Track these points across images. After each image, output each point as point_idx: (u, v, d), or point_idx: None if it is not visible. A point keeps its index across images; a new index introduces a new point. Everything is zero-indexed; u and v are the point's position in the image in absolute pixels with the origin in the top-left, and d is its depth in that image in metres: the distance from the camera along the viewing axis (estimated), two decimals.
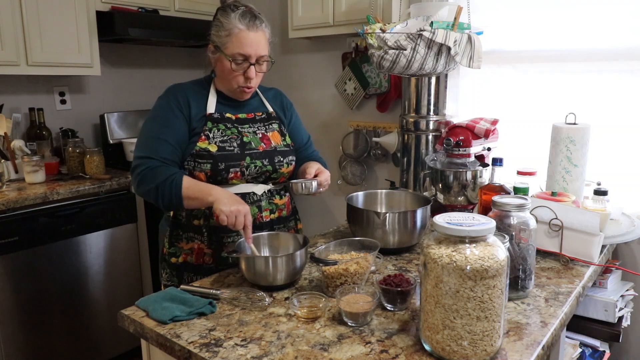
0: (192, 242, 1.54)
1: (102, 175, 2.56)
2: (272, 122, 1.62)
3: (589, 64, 1.98)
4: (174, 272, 1.58)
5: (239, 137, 1.52)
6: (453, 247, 0.91)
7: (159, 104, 1.51)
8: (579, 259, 1.43)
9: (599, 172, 1.89)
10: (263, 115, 1.61)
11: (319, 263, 1.24)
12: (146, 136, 1.48)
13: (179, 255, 1.56)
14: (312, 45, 2.95)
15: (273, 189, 1.59)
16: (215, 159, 1.46)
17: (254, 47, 1.44)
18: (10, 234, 2.14)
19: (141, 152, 1.45)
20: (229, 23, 1.42)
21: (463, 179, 1.87)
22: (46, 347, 2.30)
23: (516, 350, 0.98)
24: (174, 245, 1.57)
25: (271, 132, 1.60)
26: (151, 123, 1.49)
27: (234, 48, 1.43)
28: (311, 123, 2.99)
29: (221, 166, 1.47)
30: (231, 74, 1.46)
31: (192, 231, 1.54)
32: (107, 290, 2.51)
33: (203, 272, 1.53)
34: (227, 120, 1.53)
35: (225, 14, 1.44)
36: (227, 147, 1.49)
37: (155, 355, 1.16)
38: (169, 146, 1.45)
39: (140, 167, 1.43)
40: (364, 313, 1.08)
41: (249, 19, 1.43)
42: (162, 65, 3.38)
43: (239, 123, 1.55)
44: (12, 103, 2.69)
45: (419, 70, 1.81)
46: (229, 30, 1.42)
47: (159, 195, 1.39)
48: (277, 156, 1.57)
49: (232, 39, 1.42)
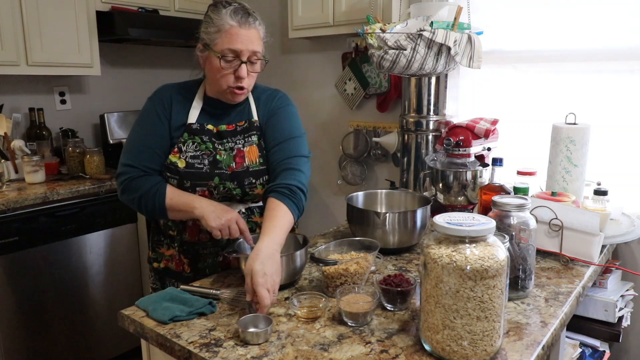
0: (172, 248, 1.50)
1: (102, 175, 2.56)
2: (252, 133, 1.45)
3: (589, 64, 1.98)
4: (157, 277, 1.55)
5: (212, 153, 1.41)
6: (453, 247, 0.91)
7: (146, 107, 1.46)
8: (579, 259, 1.43)
9: (599, 172, 1.89)
10: (245, 124, 1.45)
11: (319, 263, 1.24)
12: (131, 141, 1.43)
13: (161, 261, 1.52)
14: (312, 45, 2.95)
15: (253, 207, 1.49)
16: (182, 175, 1.38)
17: (245, 43, 1.33)
18: (10, 234, 2.14)
19: (126, 158, 1.41)
20: (220, 19, 1.32)
21: (463, 179, 1.87)
22: (46, 347, 2.30)
23: (516, 350, 0.98)
24: (155, 250, 1.53)
25: (249, 146, 1.44)
26: (138, 127, 1.44)
27: (223, 44, 1.32)
28: (311, 123, 2.99)
29: (187, 184, 1.39)
30: (220, 72, 1.34)
31: (171, 239, 1.50)
32: (107, 290, 2.51)
33: (183, 280, 1.46)
34: (206, 132, 1.42)
35: (216, 9, 1.34)
36: (196, 164, 1.39)
37: (155, 355, 1.16)
38: (153, 154, 1.40)
39: (123, 175, 1.39)
40: (364, 313, 1.08)
41: (242, 15, 1.33)
42: (162, 65, 3.37)
43: (217, 138, 1.43)
44: (12, 103, 2.69)
45: (419, 70, 1.81)
46: (218, 27, 1.32)
47: (142, 205, 1.37)
48: (248, 177, 1.41)
49: (221, 35, 1.32)
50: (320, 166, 3.00)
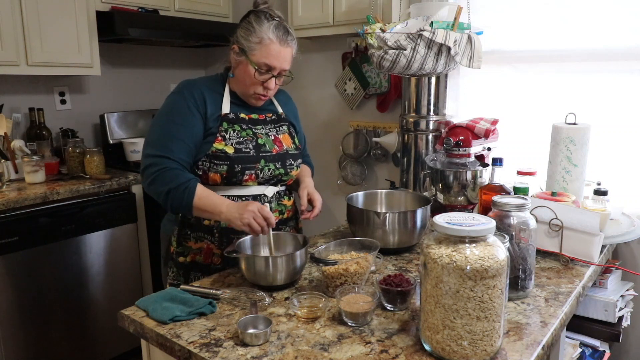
0: (201, 241, 1.53)
1: (102, 175, 2.56)
2: (282, 124, 1.61)
3: (589, 64, 1.98)
4: (180, 272, 1.56)
5: (254, 138, 1.51)
6: (453, 247, 0.91)
7: (173, 100, 1.47)
8: (579, 259, 1.43)
9: (599, 172, 1.89)
10: (273, 116, 1.60)
11: (319, 263, 1.24)
12: (161, 133, 1.44)
13: (187, 255, 1.54)
14: (312, 45, 2.95)
15: (282, 191, 1.60)
16: (232, 160, 1.45)
17: (281, 61, 1.44)
18: (10, 234, 2.14)
19: (156, 150, 1.41)
20: (262, 31, 1.41)
21: (463, 179, 1.87)
22: (46, 347, 2.30)
23: (516, 350, 0.98)
24: (181, 244, 1.55)
25: (282, 134, 1.59)
26: (166, 120, 1.45)
27: (262, 57, 1.42)
28: (311, 123, 2.99)
29: (237, 168, 1.45)
30: (252, 80, 1.45)
31: (201, 231, 1.52)
32: (107, 290, 2.51)
33: (210, 272, 1.51)
34: (242, 120, 1.51)
35: (259, 20, 1.42)
36: (243, 149, 1.47)
37: (155, 355, 1.16)
38: (185, 146, 1.42)
39: (155, 166, 1.39)
40: (364, 313, 1.08)
41: (283, 32, 1.43)
42: (162, 65, 3.37)
43: (252, 124, 1.53)
44: (12, 103, 2.69)
45: (419, 70, 1.81)
46: (260, 38, 1.41)
47: (169, 199, 1.38)
48: (289, 159, 1.57)
49: (261, 47, 1.41)
50: (320, 166, 2.99)
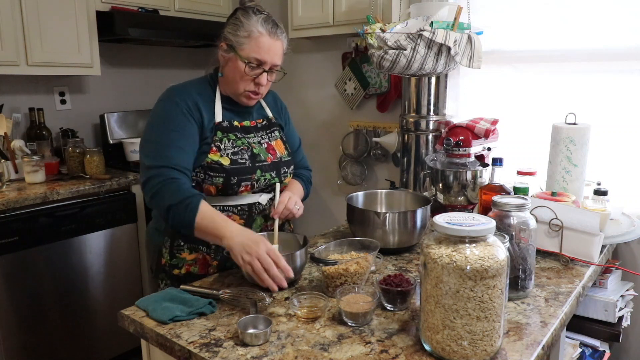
0: (195, 252, 1.48)
1: (102, 175, 2.56)
2: (273, 129, 1.58)
3: (589, 64, 1.98)
4: (175, 284, 1.48)
5: (249, 148, 1.47)
6: (453, 247, 0.91)
7: (167, 108, 1.40)
8: (579, 259, 1.43)
9: (599, 172, 1.89)
10: (264, 122, 1.57)
11: (319, 263, 1.24)
12: (158, 143, 1.37)
13: (182, 267, 1.48)
14: (312, 45, 2.95)
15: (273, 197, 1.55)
16: (228, 172, 1.41)
17: (271, 54, 1.41)
18: (10, 234, 2.14)
19: (154, 161, 1.34)
20: (250, 25, 1.38)
21: (463, 179, 1.87)
22: (46, 347, 2.30)
23: (516, 350, 0.98)
24: (175, 256, 1.48)
25: (274, 140, 1.56)
26: (163, 129, 1.38)
27: (251, 51, 1.38)
28: (311, 123, 2.99)
29: (233, 180, 1.41)
30: (242, 76, 1.41)
31: (195, 242, 1.46)
32: (107, 290, 2.51)
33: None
34: (235, 129, 1.47)
35: (247, 14, 1.39)
36: (238, 160, 1.43)
37: (155, 355, 1.16)
38: (185, 154, 1.36)
39: (157, 178, 1.32)
40: (364, 313, 1.08)
41: (272, 25, 1.41)
42: (162, 65, 3.37)
43: (245, 132, 1.49)
44: (12, 103, 2.68)
45: (419, 70, 1.81)
46: (249, 32, 1.37)
47: (170, 215, 1.31)
48: (283, 167, 1.54)
49: (250, 41, 1.38)
50: (320, 166, 3.00)
